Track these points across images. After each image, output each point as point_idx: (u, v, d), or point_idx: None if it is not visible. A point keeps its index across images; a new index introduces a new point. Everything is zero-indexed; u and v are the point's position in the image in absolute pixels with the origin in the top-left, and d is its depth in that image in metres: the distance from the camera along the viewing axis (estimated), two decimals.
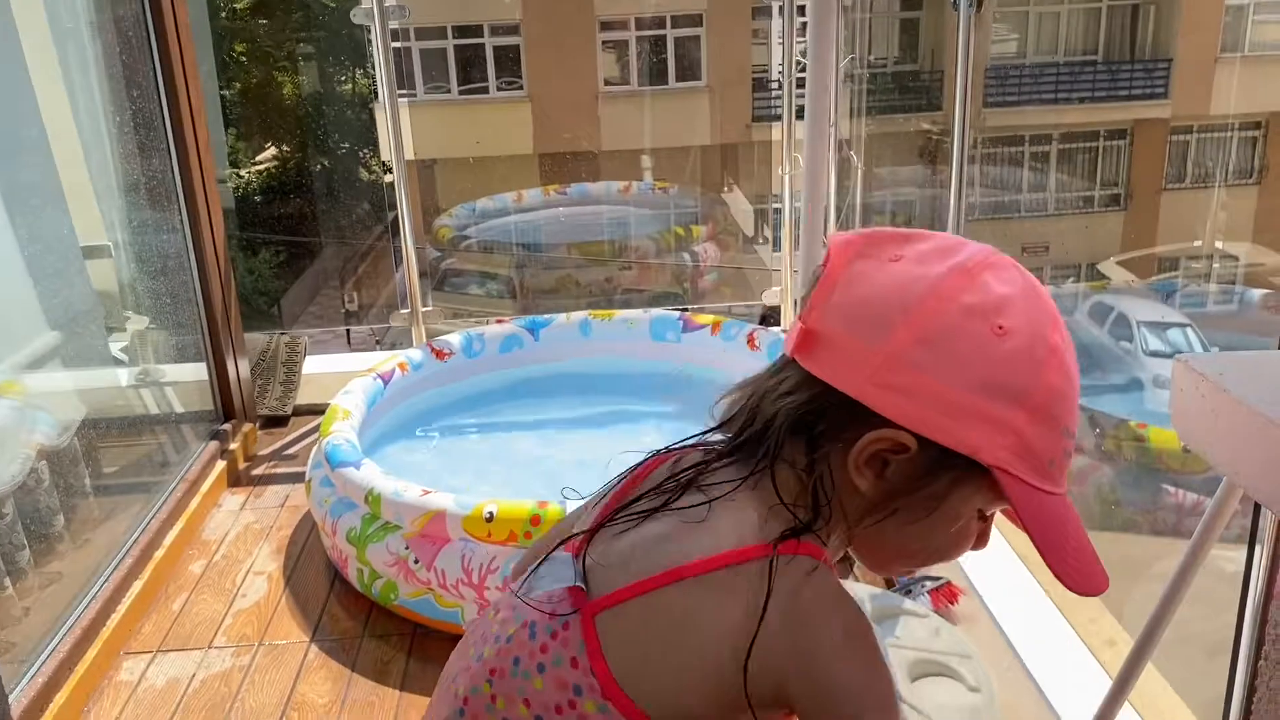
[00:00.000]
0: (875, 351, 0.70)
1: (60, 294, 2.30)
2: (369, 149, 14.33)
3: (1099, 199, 13.40)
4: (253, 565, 2.24)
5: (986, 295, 0.71)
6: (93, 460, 2.33)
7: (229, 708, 1.81)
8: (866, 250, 0.74)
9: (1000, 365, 0.70)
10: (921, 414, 0.70)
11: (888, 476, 0.72)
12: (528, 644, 0.75)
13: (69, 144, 2.50)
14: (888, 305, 0.71)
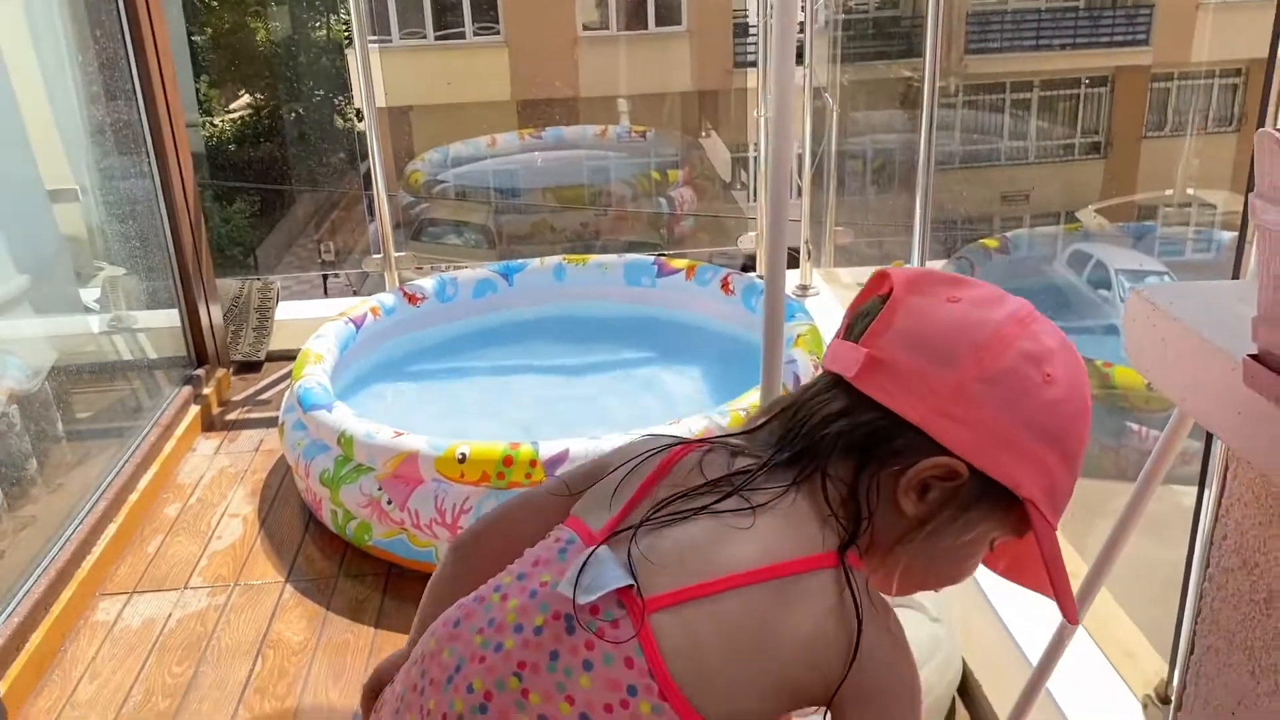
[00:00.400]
0: (942, 383, 0.74)
1: (27, 238, 2.28)
2: (343, 96, 14.11)
3: (1079, 147, 13.38)
4: (228, 508, 2.24)
5: (1039, 345, 0.76)
6: (65, 405, 2.33)
7: (205, 646, 1.83)
8: (925, 288, 0.78)
9: (1046, 410, 0.75)
10: (977, 445, 0.74)
11: (928, 500, 0.75)
12: (567, 639, 0.73)
13: (32, 87, 2.46)
14: (956, 342, 0.75)
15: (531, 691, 0.72)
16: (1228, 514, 0.93)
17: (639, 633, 0.71)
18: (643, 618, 0.71)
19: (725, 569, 0.72)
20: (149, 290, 2.72)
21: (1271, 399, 0.74)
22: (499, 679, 0.73)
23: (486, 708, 0.73)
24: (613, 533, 0.76)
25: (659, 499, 0.77)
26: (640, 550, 0.74)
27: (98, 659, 1.81)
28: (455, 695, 0.75)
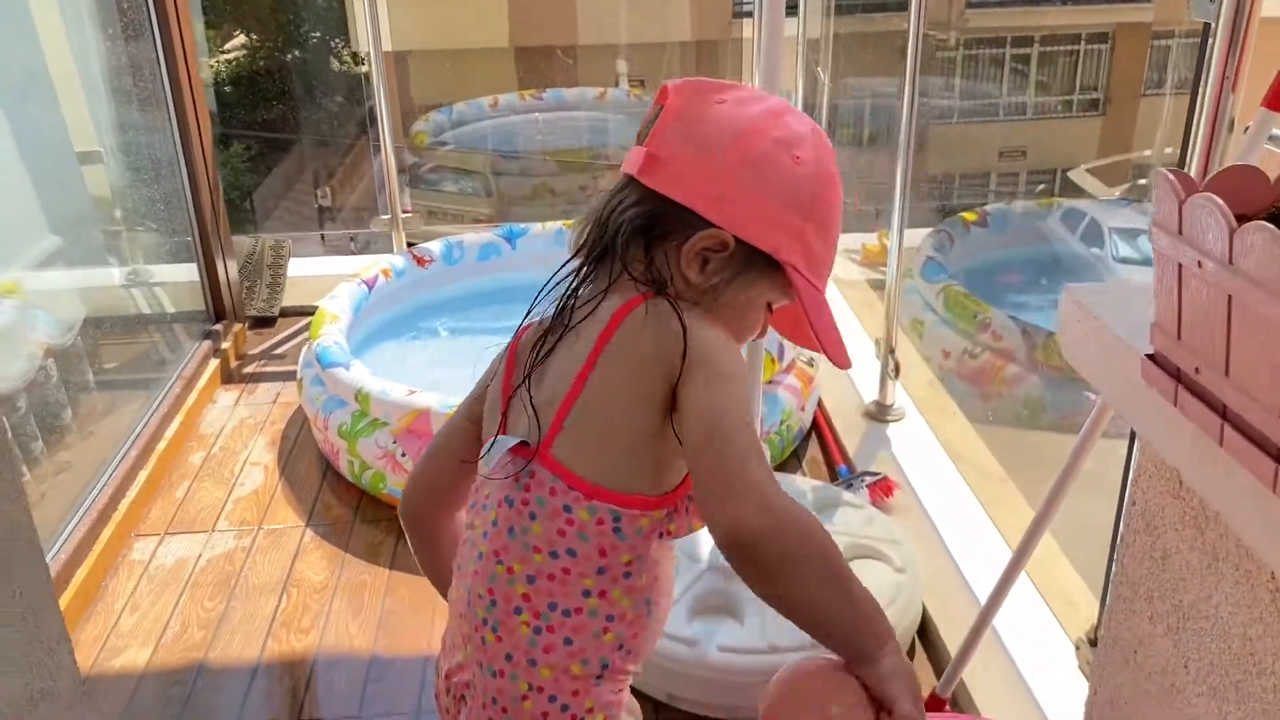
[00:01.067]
0: (709, 169, 0.88)
1: (58, 199, 2.41)
2: (340, 38, 14.05)
3: (1078, 103, 13.38)
4: (249, 456, 2.41)
5: (789, 132, 0.90)
6: (94, 358, 2.48)
7: (234, 584, 2.00)
8: (696, 95, 0.92)
9: (796, 186, 0.90)
10: (740, 218, 0.89)
11: (708, 271, 0.90)
12: (510, 512, 0.89)
13: (59, 49, 2.57)
14: (721, 134, 0.89)
15: (513, 564, 0.88)
16: (1136, 483, 1.09)
17: (544, 465, 0.87)
18: (547, 453, 0.87)
19: (579, 365, 0.88)
20: (169, 247, 2.85)
21: (1163, 393, 0.90)
22: (490, 574, 0.90)
23: (495, 601, 0.89)
24: (506, 404, 0.92)
25: (523, 365, 0.92)
26: (532, 406, 0.89)
27: (136, 594, 1.98)
28: (475, 609, 0.91)
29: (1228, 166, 0.87)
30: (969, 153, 12.72)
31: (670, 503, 0.90)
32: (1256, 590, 0.85)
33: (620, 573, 0.89)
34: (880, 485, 2.04)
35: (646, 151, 0.90)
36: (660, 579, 0.93)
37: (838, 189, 0.94)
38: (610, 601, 0.89)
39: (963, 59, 13.54)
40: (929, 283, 3.05)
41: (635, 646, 0.93)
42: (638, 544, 0.89)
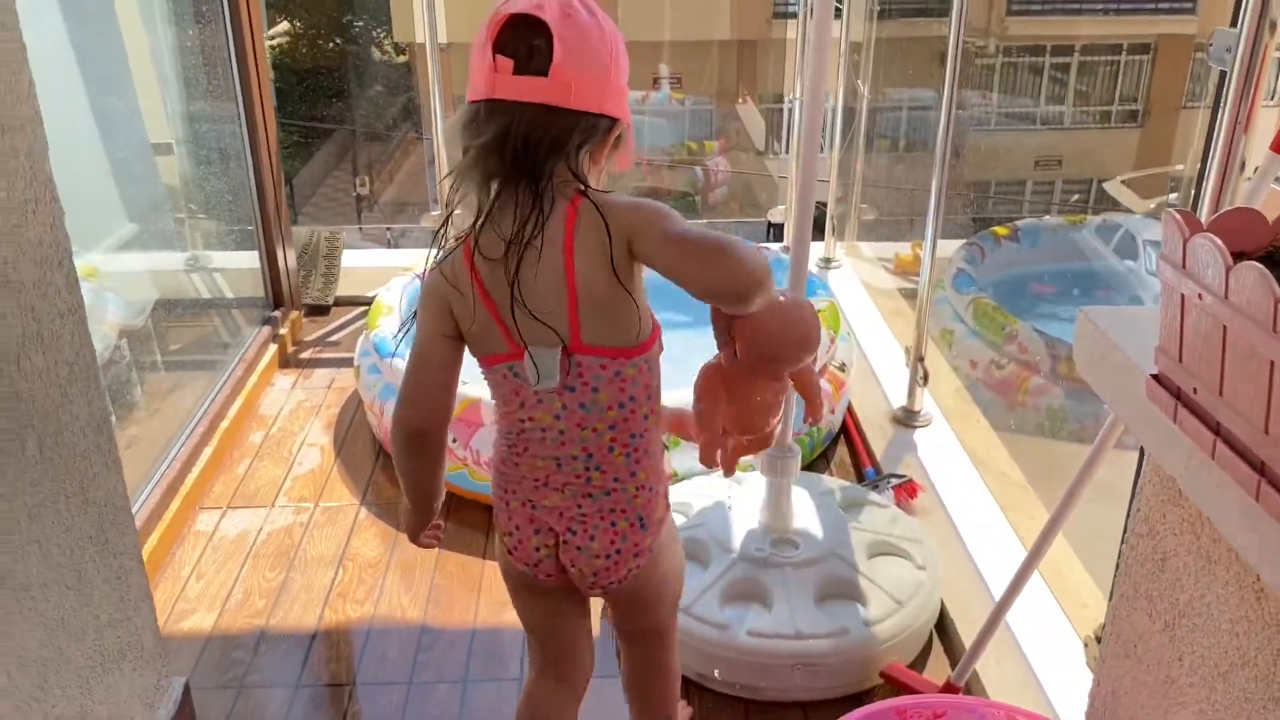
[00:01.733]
0: (599, 78, 1.10)
1: (135, 189, 2.55)
2: (383, 28, 14.21)
3: (1116, 114, 13.31)
4: (306, 437, 2.54)
5: (615, 30, 1.13)
6: (163, 339, 2.62)
7: (293, 556, 2.13)
8: (565, 19, 1.09)
9: (625, 66, 1.15)
10: (622, 107, 1.15)
11: (606, 152, 1.16)
12: (575, 396, 1.17)
13: (138, 43, 2.70)
14: (591, 49, 1.10)
15: (596, 425, 1.18)
16: (1141, 491, 1.19)
17: (585, 353, 1.15)
18: (580, 347, 1.14)
19: (562, 278, 1.12)
20: (233, 235, 2.99)
21: (1164, 410, 1.00)
22: (579, 439, 1.19)
23: (591, 454, 1.20)
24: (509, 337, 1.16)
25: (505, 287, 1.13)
26: (539, 319, 1.13)
27: (201, 562, 2.11)
28: (572, 466, 1.20)
29: (1229, 209, 0.97)
30: (1005, 161, 12.69)
31: (659, 333, 1.21)
32: (1243, 590, 0.95)
33: (659, 394, 1.22)
34: (905, 487, 2.14)
35: (556, 81, 1.09)
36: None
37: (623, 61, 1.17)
38: (659, 415, 1.23)
39: (1001, 66, 13.52)
40: (959, 294, 3.14)
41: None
42: (659, 369, 1.22)
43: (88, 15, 2.41)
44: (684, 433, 1.35)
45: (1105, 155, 13.02)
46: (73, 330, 1.34)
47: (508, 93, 1.09)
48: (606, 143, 1.15)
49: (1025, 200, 12.43)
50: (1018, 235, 3.66)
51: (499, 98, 1.09)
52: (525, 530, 1.25)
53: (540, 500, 1.23)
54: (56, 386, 1.29)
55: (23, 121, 1.22)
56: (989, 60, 13.06)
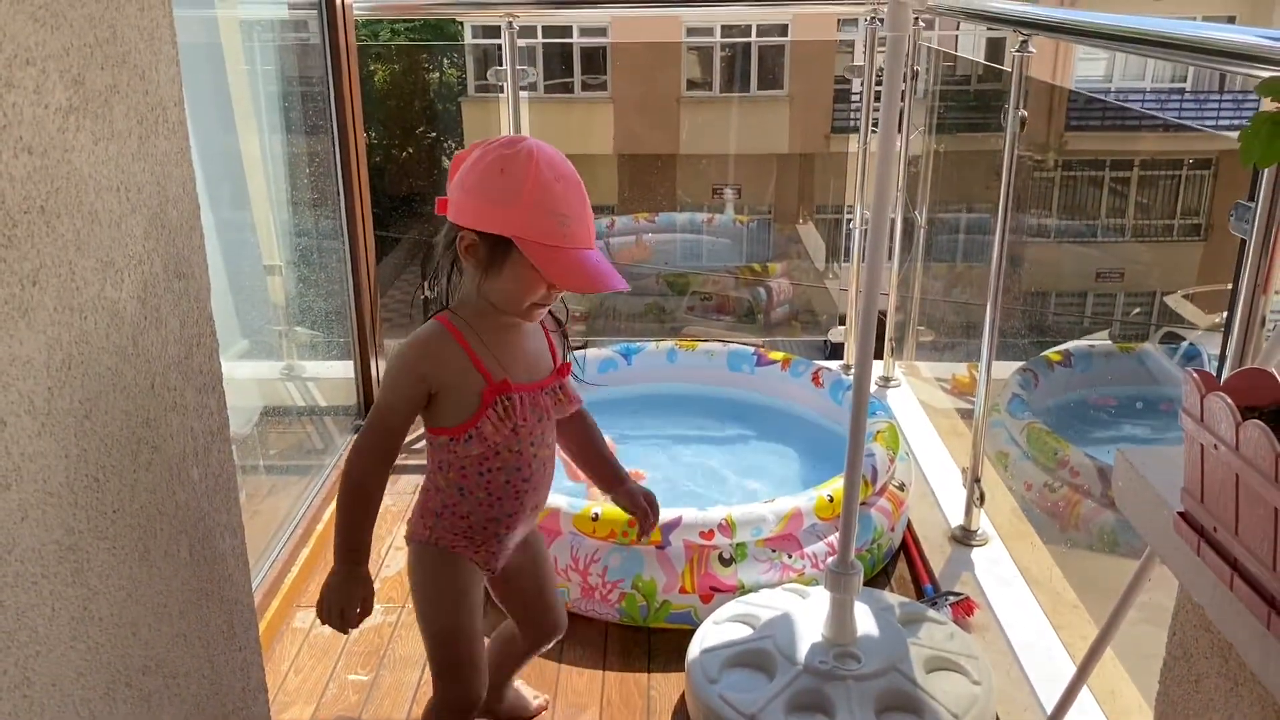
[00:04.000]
0: (457, 197, 1.49)
1: (249, 308, 2.79)
2: (454, 139, 14.84)
3: (1179, 228, 13.33)
4: (394, 541, 2.71)
5: (494, 159, 1.47)
6: (264, 445, 2.83)
7: (383, 654, 2.27)
8: (468, 155, 1.50)
9: (501, 187, 1.45)
10: (475, 219, 1.48)
11: (478, 259, 1.50)
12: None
13: (255, 169, 2.97)
14: (462, 175, 1.49)
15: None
16: (1176, 617, 1.30)
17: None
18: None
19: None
20: (332, 348, 3.22)
21: (1189, 545, 1.12)
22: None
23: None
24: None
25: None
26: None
27: (299, 657, 2.27)
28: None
29: (1241, 370, 1.11)
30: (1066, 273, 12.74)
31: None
32: (1266, 711, 1.07)
33: None
34: (962, 605, 2.24)
35: (440, 200, 1.54)
36: None
37: (539, 184, 1.44)
38: None
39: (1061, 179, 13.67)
40: (1014, 419, 3.26)
41: None
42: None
43: (216, 136, 2.67)
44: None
45: (1168, 269, 13.00)
46: (220, 446, 1.53)
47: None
48: (471, 248, 1.51)
49: (1086, 315, 12.45)
50: (1070, 360, 3.78)
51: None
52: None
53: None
54: (205, 496, 1.48)
55: (194, 268, 1.44)
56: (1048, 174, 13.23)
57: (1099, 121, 13.92)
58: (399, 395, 1.58)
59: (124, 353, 1.23)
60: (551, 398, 1.63)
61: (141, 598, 1.29)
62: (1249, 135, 1.00)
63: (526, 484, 1.64)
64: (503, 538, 1.68)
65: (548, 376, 1.63)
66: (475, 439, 1.57)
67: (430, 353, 1.55)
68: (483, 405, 1.55)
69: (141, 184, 1.26)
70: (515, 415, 1.55)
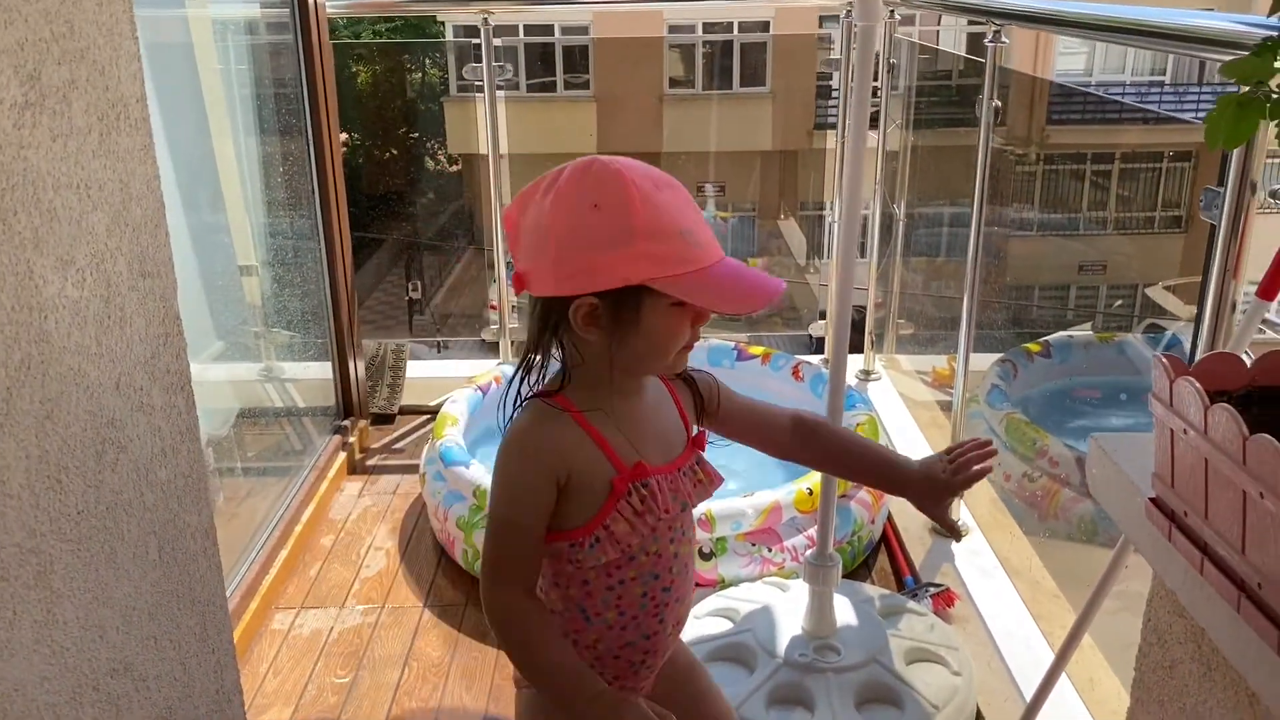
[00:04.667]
0: (546, 263, 1.13)
1: (223, 310, 2.77)
2: (436, 141, 14.81)
3: (1160, 220, 13.39)
4: (373, 541, 2.69)
5: (576, 197, 1.13)
6: (241, 447, 2.80)
7: (363, 655, 2.26)
8: (524, 207, 1.17)
9: (603, 228, 1.11)
10: (586, 281, 1.12)
11: (603, 325, 1.15)
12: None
13: (230, 171, 2.94)
14: (539, 236, 1.14)
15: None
16: (1151, 604, 1.29)
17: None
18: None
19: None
20: (309, 349, 3.20)
21: (1160, 530, 1.12)
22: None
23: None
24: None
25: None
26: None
27: (278, 659, 2.25)
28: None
29: (1210, 354, 1.10)
30: (1048, 266, 12.78)
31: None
32: (1239, 695, 1.06)
33: None
34: (943, 596, 2.24)
35: (516, 272, 1.19)
36: None
37: (642, 204, 1.12)
38: None
39: (1043, 173, 13.71)
40: (993, 409, 3.26)
41: None
42: None
43: (187, 135, 2.64)
44: None
45: (1149, 261, 13.07)
46: (189, 447, 1.52)
47: None
48: (591, 315, 1.15)
49: (1069, 308, 12.49)
50: (1049, 351, 3.79)
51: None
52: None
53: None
54: (175, 497, 1.46)
55: (159, 266, 1.42)
56: (1030, 168, 13.27)
57: (1080, 115, 13.96)
58: (525, 506, 1.19)
59: (87, 352, 1.22)
60: (690, 478, 1.28)
61: (109, 600, 1.28)
62: (1214, 117, 1.00)
63: (668, 594, 1.27)
64: (639, 668, 1.29)
65: (683, 453, 1.28)
66: (605, 542, 1.20)
67: (553, 438, 1.19)
68: (612, 497, 1.20)
69: (103, 181, 1.25)
70: (657, 506, 1.21)
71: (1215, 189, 1.33)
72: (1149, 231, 13.73)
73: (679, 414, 1.31)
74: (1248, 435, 0.90)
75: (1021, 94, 12.15)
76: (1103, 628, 2.04)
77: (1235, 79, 0.93)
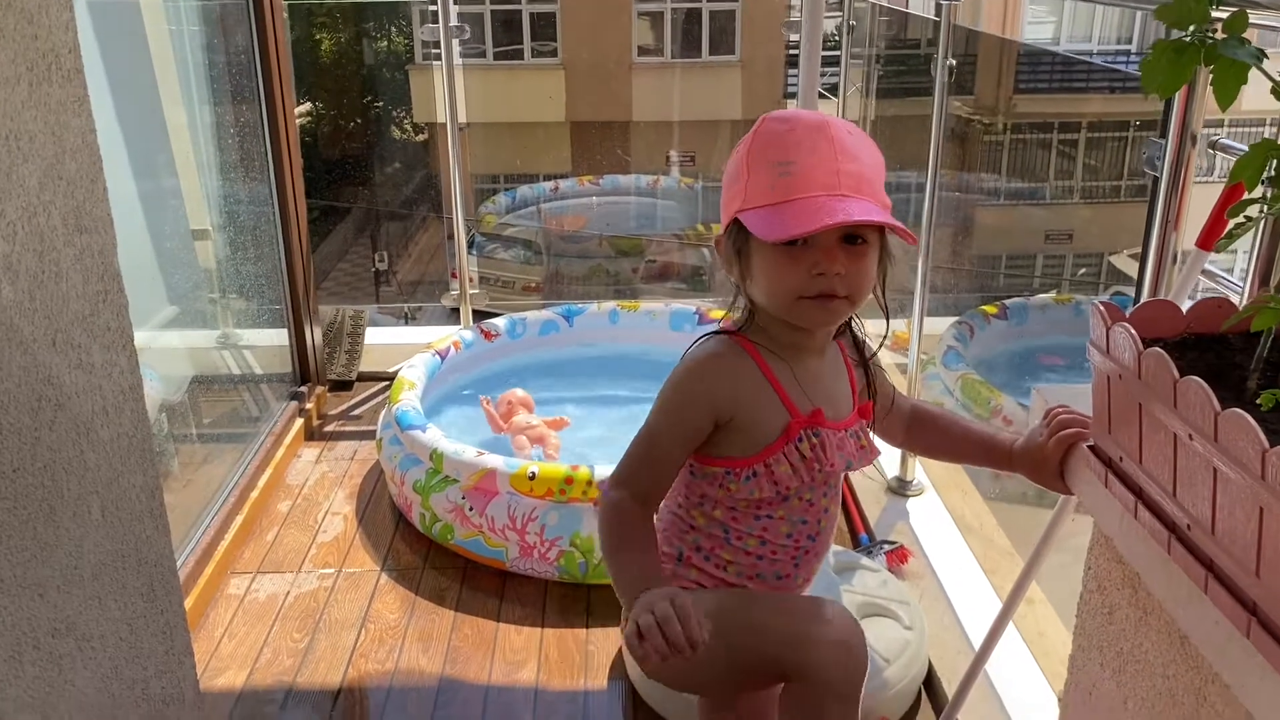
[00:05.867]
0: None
1: (176, 274, 2.73)
2: (402, 109, 14.64)
3: (1125, 189, 13.51)
4: (330, 507, 2.68)
5: (745, 148, 1.20)
6: (196, 412, 2.78)
7: (319, 618, 2.25)
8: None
9: (734, 164, 1.20)
10: (723, 216, 1.22)
11: (730, 258, 1.23)
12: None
13: (180, 132, 2.90)
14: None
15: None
16: (1091, 551, 1.31)
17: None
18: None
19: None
20: (264, 314, 3.17)
21: (1098, 476, 1.13)
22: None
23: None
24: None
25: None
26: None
27: (233, 624, 2.24)
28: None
29: (1146, 301, 1.11)
30: (1015, 235, 12.86)
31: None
32: (1171, 636, 1.08)
33: None
34: (896, 553, 2.26)
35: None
36: None
37: (764, 134, 1.19)
38: None
39: (1010, 142, 13.77)
40: (949, 370, 3.28)
41: None
42: None
43: (135, 95, 2.59)
44: None
45: (1115, 229, 13.21)
46: (133, 406, 1.49)
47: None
48: (730, 251, 1.23)
49: (1036, 276, 12.59)
50: (1006, 313, 3.82)
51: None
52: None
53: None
54: (118, 456, 1.44)
55: (97, 222, 1.39)
56: (997, 137, 13.31)
57: (1047, 83, 13.99)
58: (674, 429, 1.23)
59: (20, 307, 1.19)
60: (855, 442, 1.30)
61: (49, 559, 1.26)
62: (1149, 63, 1.00)
63: (813, 543, 1.31)
64: None
65: (850, 417, 1.31)
66: (762, 478, 1.23)
67: (729, 372, 1.22)
68: (784, 438, 1.22)
69: (34, 133, 1.22)
70: (825, 457, 1.24)
71: (1158, 141, 1.34)
72: (1115, 200, 13.85)
73: (850, 384, 1.33)
74: (1178, 378, 0.90)
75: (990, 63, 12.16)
76: (1052, 581, 2.07)
77: (1169, 23, 0.93)
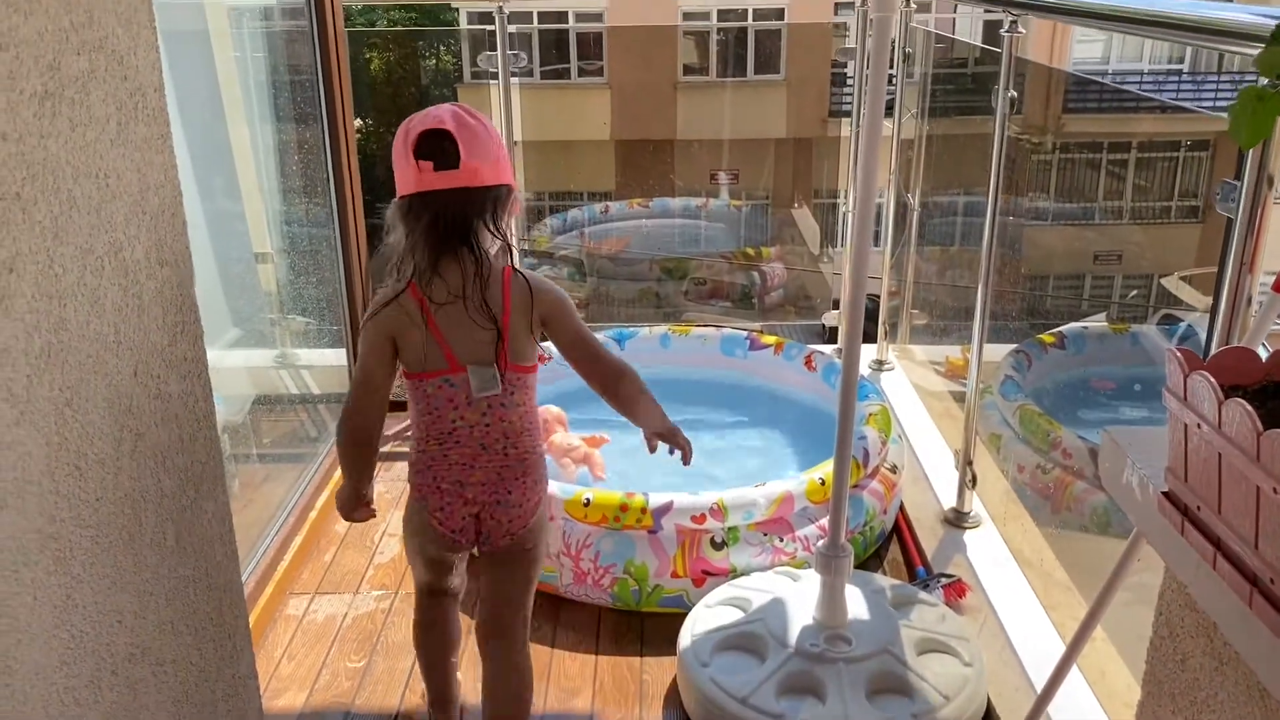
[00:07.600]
0: (493, 163, 1.61)
1: (239, 297, 2.79)
2: None
3: (1176, 210, 13.32)
4: (386, 528, 2.71)
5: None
6: (257, 433, 2.82)
7: (376, 640, 2.28)
8: (464, 127, 1.59)
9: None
10: (507, 174, 1.64)
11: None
12: (501, 398, 1.69)
13: (246, 159, 2.96)
14: (489, 143, 1.62)
15: (511, 419, 1.71)
16: (1163, 598, 1.30)
17: (511, 370, 1.67)
18: (510, 366, 1.66)
19: (500, 319, 1.64)
20: (324, 335, 3.21)
21: (1173, 524, 1.12)
22: (502, 430, 1.70)
23: (509, 443, 1.72)
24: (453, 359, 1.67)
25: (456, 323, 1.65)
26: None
27: (292, 644, 2.27)
28: (492, 450, 1.72)
29: (1224, 349, 1.10)
30: (1063, 256, 12.70)
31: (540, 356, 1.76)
32: (1250, 690, 1.06)
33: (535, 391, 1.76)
34: (954, 587, 2.24)
35: (465, 169, 1.57)
36: None
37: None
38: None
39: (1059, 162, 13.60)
40: (1007, 401, 3.26)
41: None
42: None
43: (203, 123, 2.65)
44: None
45: (1165, 251, 12.97)
46: (206, 434, 1.53)
47: (434, 185, 1.59)
48: (509, 201, 1.65)
49: (1084, 298, 12.41)
50: (1064, 342, 3.78)
51: (427, 190, 1.60)
52: (455, 504, 1.74)
53: (468, 479, 1.72)
54: (192, 484, 1.47)
55: (177, 256, 1.43)
56: (1046, 157, 13.16)
57: (1096, 104, 13.84)
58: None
59: (105, 340, 1.23)
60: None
61: (127, 585, 1.29)
62: (1237, 111, 0.99)
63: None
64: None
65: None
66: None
67: None
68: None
69: (121, 170, 1.25)
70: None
71: (1232, 182, 1.33)
72: (1165, 221, 13.62)
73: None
74: (1262, 431, 0.89)
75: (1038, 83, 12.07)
76: (1115, 620, 2.04)
77: (1265, 73, 0.93)
